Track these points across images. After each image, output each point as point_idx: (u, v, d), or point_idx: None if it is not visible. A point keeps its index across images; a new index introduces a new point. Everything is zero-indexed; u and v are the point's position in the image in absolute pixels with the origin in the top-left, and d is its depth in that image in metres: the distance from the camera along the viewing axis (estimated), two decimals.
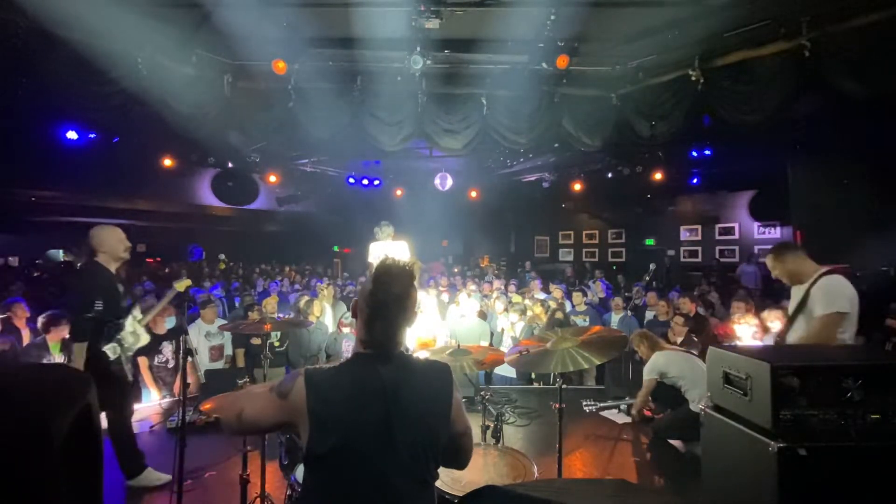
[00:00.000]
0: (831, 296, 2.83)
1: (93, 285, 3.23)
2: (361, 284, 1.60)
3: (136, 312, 3.58)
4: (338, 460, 1.34)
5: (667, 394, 4.11)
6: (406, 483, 1.39)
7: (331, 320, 6.23)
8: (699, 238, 13.57)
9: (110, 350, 3.25)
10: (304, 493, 1.42)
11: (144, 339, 3.61)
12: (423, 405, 1.44)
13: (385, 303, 1.45)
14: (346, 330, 5.71)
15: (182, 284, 3.79)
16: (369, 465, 1.35)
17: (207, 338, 5.25)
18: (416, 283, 1.56)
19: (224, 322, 5.69)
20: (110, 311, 3.26)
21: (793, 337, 3.06)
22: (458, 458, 1.58)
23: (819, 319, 2.84)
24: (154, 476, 3.31)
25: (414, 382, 1.46)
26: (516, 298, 6.84)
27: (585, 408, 4.60)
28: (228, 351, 5.47)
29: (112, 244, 3.37)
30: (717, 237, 13.15)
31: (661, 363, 4.07)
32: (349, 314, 5.61)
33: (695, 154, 9.99)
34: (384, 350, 1.46)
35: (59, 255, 15.60)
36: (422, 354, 3.72)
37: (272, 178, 11.35)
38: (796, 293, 3.12)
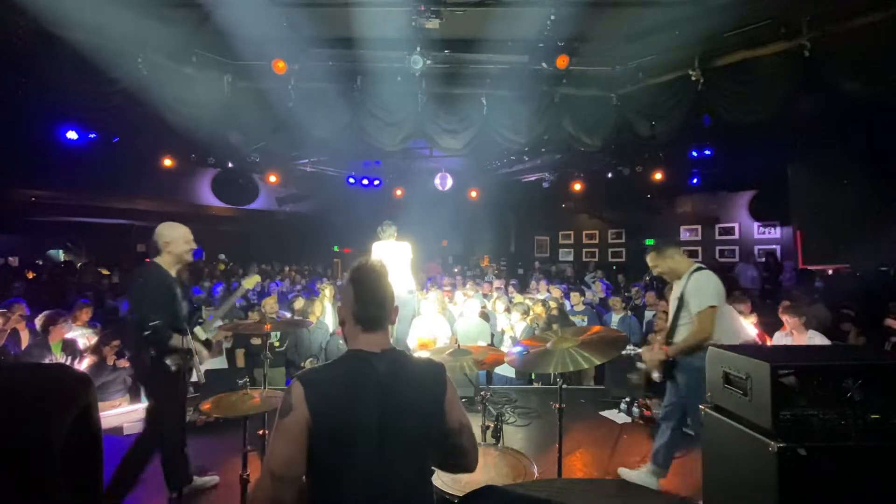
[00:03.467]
0: (702, 292, 3.08)
1: (149, 297, 2.85)
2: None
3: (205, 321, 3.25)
4: (336, 454, 1.36)
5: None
6: (404, 475, 1.41)
7: (331, 320, 6.22)
8: (699, 238, 13.57)
9: (171, 362, 2.81)
10: (308, 493, 1.43)
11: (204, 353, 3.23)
12: (417, 397, 1.47)
13: (365, 281, 1.51)
14: None
15: (251, 281, 3.69)
16: (367, 458, 1.37)
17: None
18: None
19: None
20: (169, 322, 2.86)
21: (681, 333, 3.21)
22: (459, 459, 1.56)
23: (697, 316, 3.08)
24: (200, 482, 3.17)
25: (408, 376, 1.49)
26: (518, 298, 6.83)
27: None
28: (227, 345, 5.48)
29: (180, 244, 3.05)
30: (717, 237, 13.14)
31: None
32: None
33: (695, 154, 9.99)
34: (376, 322, 1.50)
35: (59, 255, 15.60)
36: (422, 354, 3.71)
37: (272, 178, 11.34)
38: (676, 288, 3.28)
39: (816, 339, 4.17)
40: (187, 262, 3.14)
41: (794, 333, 4.23)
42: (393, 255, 5.34)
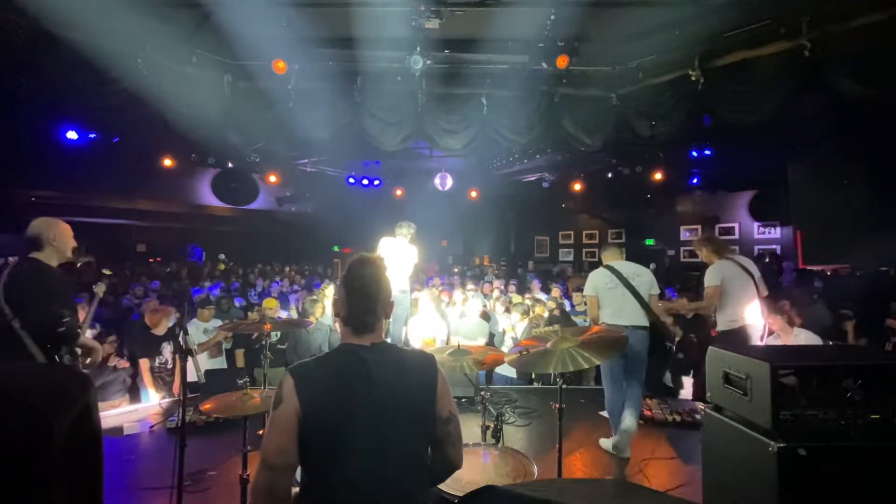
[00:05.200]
0: (586, 283, 4.02)
1: (52, 291, 2.66)
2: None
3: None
4: (329, 444, 1.38)
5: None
6: (399, 463, 1.43)
7: (331, 320, 6.21)
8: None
9: (69, 360, 2.73)
10: (304, 488, 1.44)
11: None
12: (408, 386, 1.49)
13: (358, 283, 1.53)
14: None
15: (101, 287, 3.61)
16: (361, 448, 1.39)
17: (206, 335, 5.25)
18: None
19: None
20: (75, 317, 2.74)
21: None
22: (447, 449, 1.57)
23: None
24: None
25: (398, 366, 1.51)
26: (516, 298, 6.84)
27: None
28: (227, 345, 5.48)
29: (67, 238, 2.90)
30: (718, 237, 13.13)
31: (723, 271, 4.07)
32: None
33: (695, 154, 9.99)
34: (365, 325, 1.52)
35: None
36: None
37: (272, 178, 11.34)
38: None
39: (802, 335, 4.13)
40: (69, 260, 2.97)
41: (781, 335, 4.20)
42: (398, 253, 5.33)
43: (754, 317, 4.04)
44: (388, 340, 1.63)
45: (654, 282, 3.90)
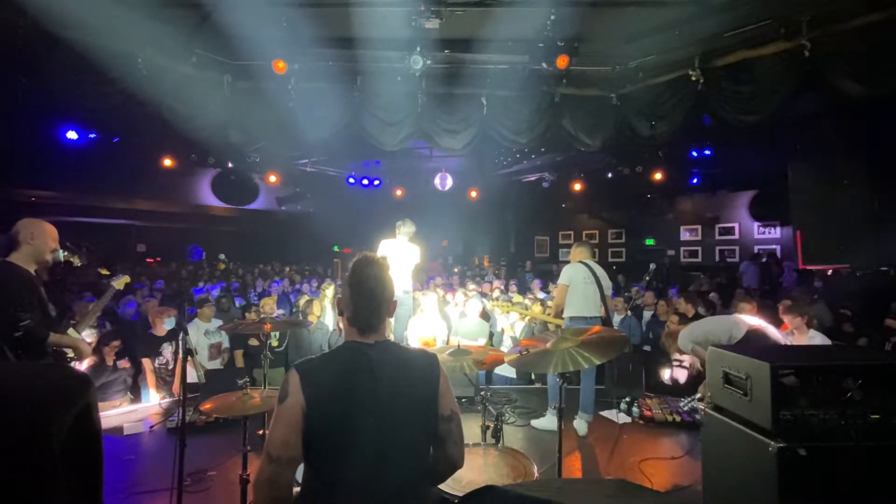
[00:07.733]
0: (561, 274, 4.48)
1: (14, 291, 2.58)
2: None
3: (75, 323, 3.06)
4: (332, 438, 1.40)
5: None
6: (400, 459, 1.44)
7: (331, 320, 6.22)
8: (699, 238, 13.57)
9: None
10: (305, 485, 1.45)
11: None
12: (410, 383, 1.51)
13: (362, 283, 1.55)
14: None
15: (121, 282, 3.63)
16: (363, 443, 1.40)
17: (207, 336, 5.25)
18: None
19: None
20: (42, 321, 2.68)
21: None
22: (449, 448, 1.57)
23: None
24: None
25: (401, 363, 1.54)
26: (517, 298, 6.84)
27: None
28: (227, 344, 5.46)
29: (44, 240, 2.83)
30: (717, 237, 13.15)
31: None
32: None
33: (695, 154, 10.00)
34: (370, 326, 1.54)
35: (60, 255, 15.60)
36: None
37: (272, 178, 11.35)
38: None
39: (817, 339, 4.15)
40: (47, 263, 2.90)
41: (795, 333, 4.22)
42: (398, 253, 5.33)
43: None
44: (392, 337, 1.65)
45: (610, 284, 4.58)
